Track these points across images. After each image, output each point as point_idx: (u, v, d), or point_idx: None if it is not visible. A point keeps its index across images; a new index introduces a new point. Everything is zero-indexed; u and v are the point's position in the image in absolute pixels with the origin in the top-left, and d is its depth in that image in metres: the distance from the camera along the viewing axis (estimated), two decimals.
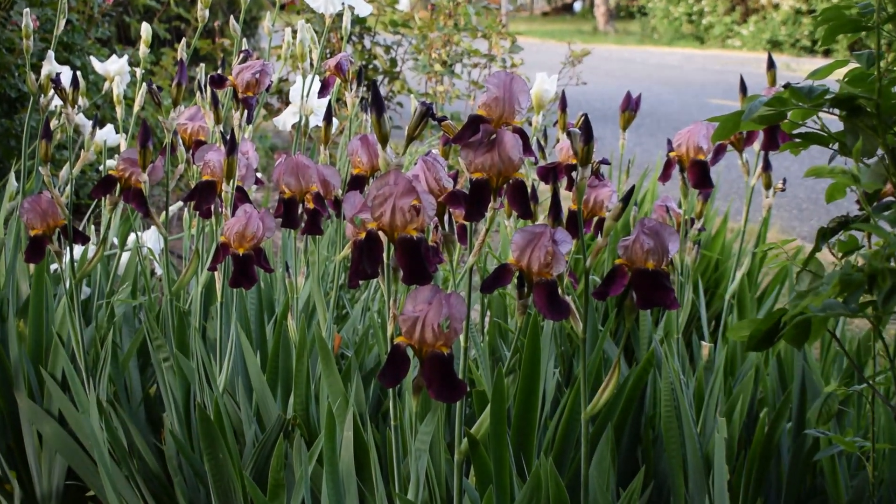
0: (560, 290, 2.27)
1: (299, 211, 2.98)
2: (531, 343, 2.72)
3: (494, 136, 2.28)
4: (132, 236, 4.29)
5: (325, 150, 3.27)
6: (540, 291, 2.23)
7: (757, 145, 3.42)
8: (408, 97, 8.55)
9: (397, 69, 8.61)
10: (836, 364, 3.69)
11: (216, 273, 3.00)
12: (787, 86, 3.46)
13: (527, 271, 2.25)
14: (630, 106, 3.71)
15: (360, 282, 2.18)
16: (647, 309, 2.29)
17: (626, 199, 2.31)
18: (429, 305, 2.06)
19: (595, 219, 3.20)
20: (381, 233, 2.07)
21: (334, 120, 3.45)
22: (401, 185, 2.04)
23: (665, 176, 3.21)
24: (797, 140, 2.24)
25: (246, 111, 3.01)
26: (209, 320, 3.72)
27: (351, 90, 3.37)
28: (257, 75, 3.01)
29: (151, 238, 4.44)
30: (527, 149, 2.33)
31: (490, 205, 2.31)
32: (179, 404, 3.25)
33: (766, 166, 3.43)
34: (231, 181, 2.81)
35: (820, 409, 2.81)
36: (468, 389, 2.37)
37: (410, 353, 2.09)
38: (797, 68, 25.76)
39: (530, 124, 3.93)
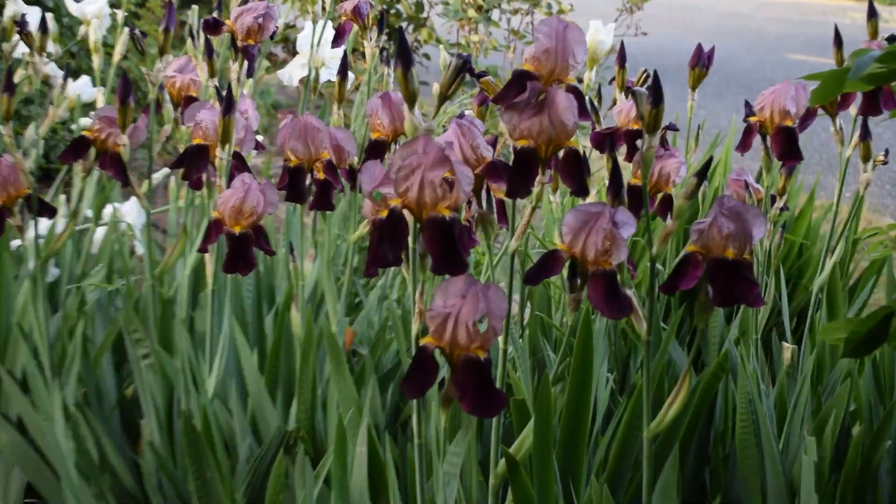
0: (620, 282, 2.18)
1: (307, 182, 2.91)
2: (582, 345, 2.63)
3: (544, 95, 2.20)
4: (109, 208, 4.21)
5: (339, 109, 3.18)
6: (596, 284, 2.14)
7: (853, 109, 3.33)
8: (436, 48, 8.41)
9: (424, 14, 8.45)
10: None
11: (207, 255, 2.92)
12: (892, 38, 3.37)
13: (581, 259, 2.16)
14: (701, 61, 3.62)
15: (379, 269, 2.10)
16: (725, 306, 2.20)
17: (703, 172, 2.21)
18: (462, 300, 1.97)
19: (659, 195, 3.12)
20: (406, 211, 1.98)
21: (349, 74, 3.36)
22: (431, 153, 1.94)
23: (745, 145, 3.12)
24: None
25: (246, 62, 2.92)
26: (198, 310, 3.64)
27: (370, 39, 3.28)
28: (260, 20, 2.92)
29: (132, 211, 4.37)
30: (582, 111, 2.24)
31: (538, 178, 2.22)
32: (161, 410, 3.18)
33: (865, 134, 3.33)
34: (227, 146, 2.73)
35: None
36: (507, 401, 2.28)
37: (439, 356, 2.00)
38: (890, 18, 25.52)
39: (581, 81, 3.83)
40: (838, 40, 3.37)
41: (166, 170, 4.42)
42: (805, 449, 2.73)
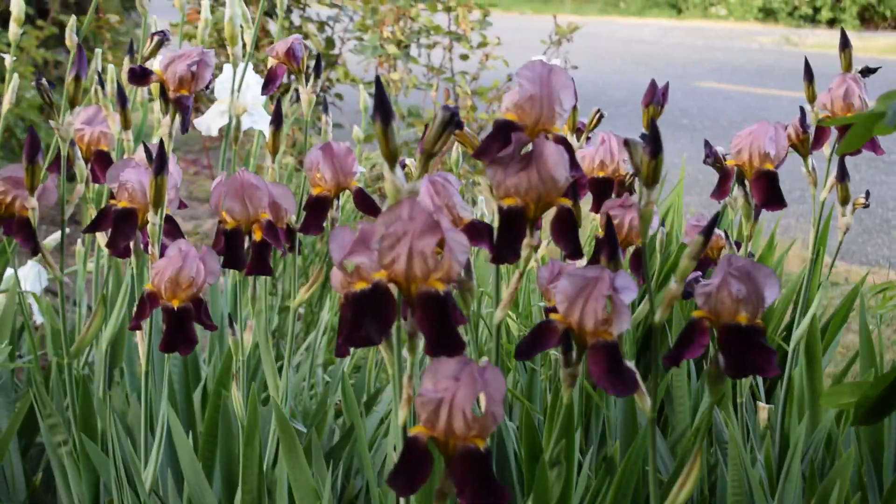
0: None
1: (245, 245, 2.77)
2: (565, 421, 2.52)
3: (531, 148, 2.09)
4: (8, 272, 4.03)
5: (274, 163, 3.05)
6: (597, 357, 2.04)
7: (826, 149, 3.29)
8: (352, 87, 8.23)
9: (335, 51, 8.30)
10: None
11: (139, 333, 2.76)
12: (867, 70, 3.33)
13: (578, 330, 2.06)
14: (655, 98, 3.54)
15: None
16: (739, 377, 2.11)
17: (709, 230, 2.11)
18: (456, 382, 1.84)
19: (630, 248, 3.03)
20: (391, 284, 1.85)
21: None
22: (419, 219, 1.82)
23: (722, 191, 3.04)
24: None
25: (180, 115, 2.77)
26: (114, 388, 3.48)
27: (306, 84, 3.15)
28: (194, 68, 2.77)
29: (30, 275, 4.19)
30: (573, 164, 2.14)
31: (525, 240, 2.12)
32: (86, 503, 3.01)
33: (843, 175, 3.28)
34: (160, 209, 2.58)
35: None
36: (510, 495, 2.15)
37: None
38: (799, 42, 26.00)
39: None
40: (809, 74, 3.31)
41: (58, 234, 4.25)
42: None
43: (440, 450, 1.86)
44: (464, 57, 8.00)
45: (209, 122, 3.86)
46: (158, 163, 2.54)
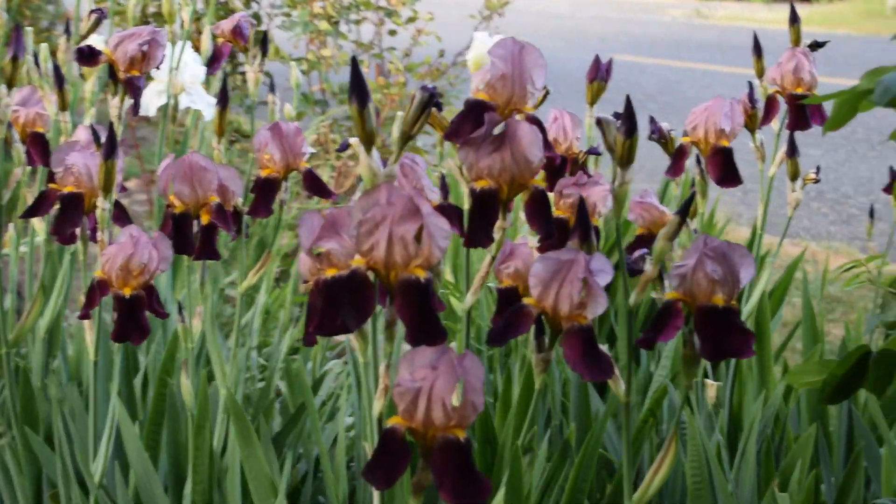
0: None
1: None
2: (534, 407, 2.48)
3: (503, 128, 2.04)
4: None
5: (220, 144, 2.96)
6: (573, 342, 2.00)
7: (775, 124, 3.27)
8: (282, 64, 8.01)
9: (263, 27, 8.13)
10: None
11: (87, 322, 2.67)
12: (815, 44, 3.31)
13: (552, 314, 2.02)
14: (599, 74, 3.50)
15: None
16: (716, 360, 2.07)
17: (685, 210, 2.06)
18: (434, 371, 1.79)
19: None
20: (370, 272, 1.79)
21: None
22: (398, 204, 1.75)
23: (677, 169, 3.01)
24: None
25: (130, 96, 2.68)
26: (50, 376, 3.39)
27: (253, 63, 3.07)
28: (145, 47, 2.68)
29: None
30: (547, 145, 2.09)
31: (498, 223, 2.07)
32: (28, 497, 2.92)
33: (793, 150, 3.26)
34: (109, 194, 2.49)
35: None
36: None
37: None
38: (709, 14, 26.14)
39: None
40: (758, 49, 3.28)
41: None
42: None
43: (418, 441, 1.81)
44: (392, 33, 7.88)
45: (147, 102, 3.76)
46: (108, 146, 2.46)
